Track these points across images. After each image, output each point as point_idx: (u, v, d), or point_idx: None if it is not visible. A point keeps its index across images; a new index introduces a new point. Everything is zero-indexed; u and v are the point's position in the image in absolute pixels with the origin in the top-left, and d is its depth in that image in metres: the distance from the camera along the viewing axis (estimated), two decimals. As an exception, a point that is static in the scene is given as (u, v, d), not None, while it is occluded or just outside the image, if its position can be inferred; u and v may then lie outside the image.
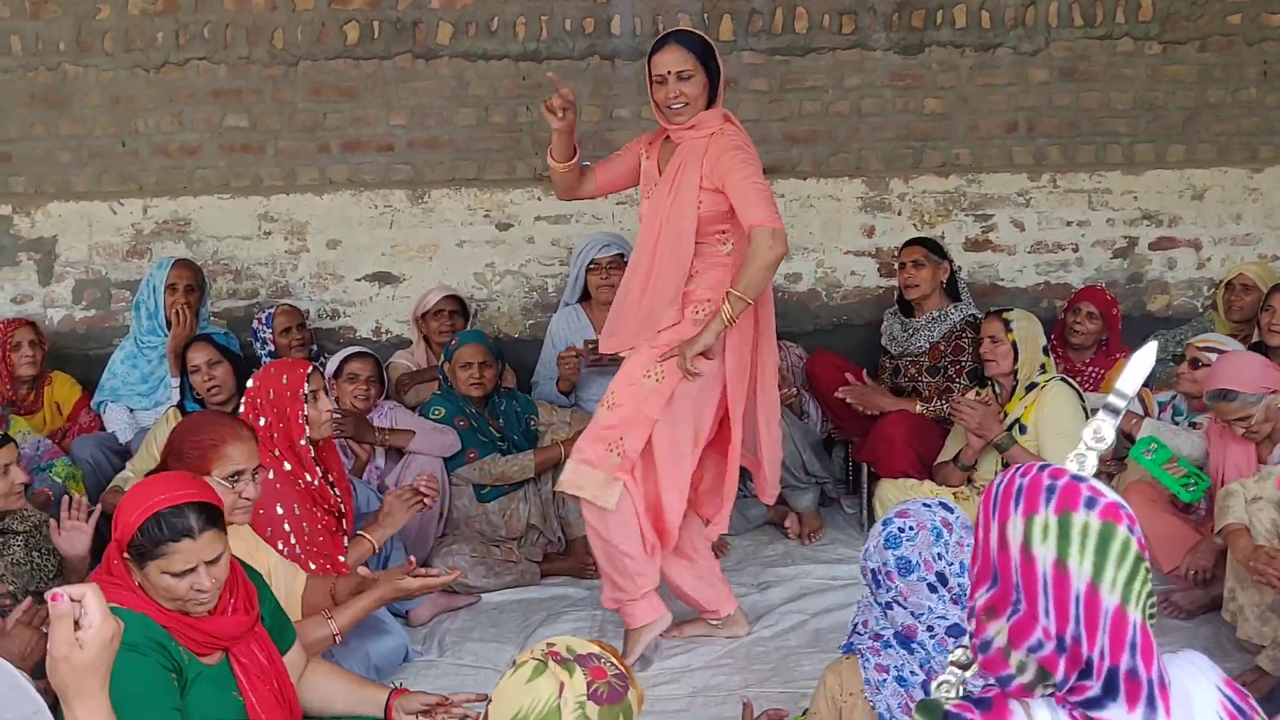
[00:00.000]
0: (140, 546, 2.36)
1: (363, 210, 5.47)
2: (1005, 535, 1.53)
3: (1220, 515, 3.59)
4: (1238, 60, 5.68)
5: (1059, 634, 1.48)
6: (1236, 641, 3.63)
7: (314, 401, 3.52)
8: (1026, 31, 5.65)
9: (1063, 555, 1.48)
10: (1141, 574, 1.49)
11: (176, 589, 2.37)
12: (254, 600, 2.56)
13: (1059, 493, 1.51)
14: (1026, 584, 1.50)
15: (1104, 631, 1.47)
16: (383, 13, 5.54)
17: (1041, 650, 1.49)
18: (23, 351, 4.82)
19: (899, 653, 2.37)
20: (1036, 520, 1.50)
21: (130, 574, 2.39)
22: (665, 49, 3.52)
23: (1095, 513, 1.49)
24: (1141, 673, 1.48)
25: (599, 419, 3.61)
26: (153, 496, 2.38)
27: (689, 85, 3.50)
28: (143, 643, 2.29)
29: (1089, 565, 1.47)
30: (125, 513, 2.38)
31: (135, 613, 2.33)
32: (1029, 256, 5.61)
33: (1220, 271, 5.56)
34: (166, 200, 5.47)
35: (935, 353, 4.82)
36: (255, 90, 5.58)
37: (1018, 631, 1.50)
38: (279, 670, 2.56)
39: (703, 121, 3.54)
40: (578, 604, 4.22)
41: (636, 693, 1.74)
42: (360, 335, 5.53)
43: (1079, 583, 1.47)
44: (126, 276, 5.46)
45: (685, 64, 3.49)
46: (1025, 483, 1.54)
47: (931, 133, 5.71)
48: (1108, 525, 1.48)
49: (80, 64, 5.52)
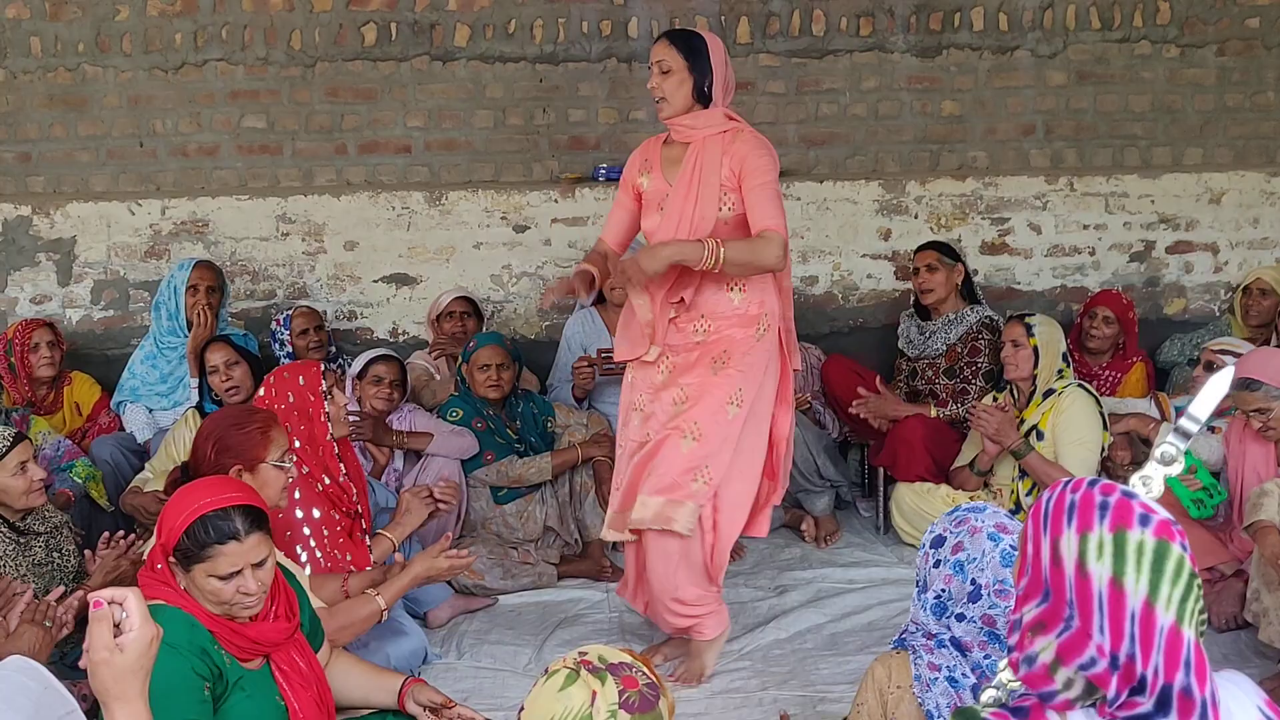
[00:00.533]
0: (186, 550, 2.37)
1: (380, 211, 5.48)
2: (1059, 551, 1.53)
3: (1251, 511, 3.57)
4: (1256, 64, 5.67)
5: (1113, 652, 1.47)
6: (1257, 646, 3.62)
7: (331, 399, 3.56)
8: (1044, 34, 5.65)
9: (1118, 573, 1.48)
10: (1195, 592, 1.49)
11: (222, 592, 2.38)
12: (295, 607, 2.57)
13: (1113, 510, 1.51)
14: (1081, 601, 1.50)
15: (1159, 650, 1.46)
16: (400, 14, 5.55)
17: (1094, 668, 1.48)
18: (41, 353, 4.83)
19: (952, 653, 2.38)
20: (1091, 538, 1.50)
21: (175, 578, 2.40)
22: (658, 42, 3.56)
23: (1150, 531, 1.49)
24: (1196, 691, 1.48)
25: (682, 452, 3.49)
26: (198, 500, 2.39)
27: (668, 80, 3.48)
28: (184, 644, 2.30)
29: (1145, 583, 1.47)
30: (170, 517, 2.39)
31: (182, 612, 2.35)
32: (1046, 260, 5.60)
33: (1237, 276, 5.55)
34: (185, 201, 5.48)
35: (952, 354, 4.82)
36: (273, 91, 5.60)
37: (1068, 648, 1.50)
38: (319, 676, 2.58)
39: (700, 121, 3.52)
40: (595, 606, 4.23)
41: (668, 701, 1.74)
42: (377, 336, 5.54)
43: (1135, 601, 1.47)
44: (145, 277, 5.48)
45: (665, 55, 3.49)
46: (1077, 499, 1.54)
47: (949, 135, 5.71)
48: (1162, 543, 1.49)
49: (99, 65, 5.54)
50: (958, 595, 2.39)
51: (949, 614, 2.41)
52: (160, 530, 2.40)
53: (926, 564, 2.45)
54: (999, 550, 2.36)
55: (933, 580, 2.43)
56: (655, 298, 3.56)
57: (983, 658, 2.36)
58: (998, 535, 2.39)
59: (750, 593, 4.30)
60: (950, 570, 2.39)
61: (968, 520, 2.43)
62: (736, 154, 3.47)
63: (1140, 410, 4.60)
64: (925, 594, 2.44)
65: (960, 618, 2.38)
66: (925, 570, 2.46)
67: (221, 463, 3.00)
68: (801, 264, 5.49)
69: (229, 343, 4.64)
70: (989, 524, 2.41)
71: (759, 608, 4.16)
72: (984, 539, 2.38)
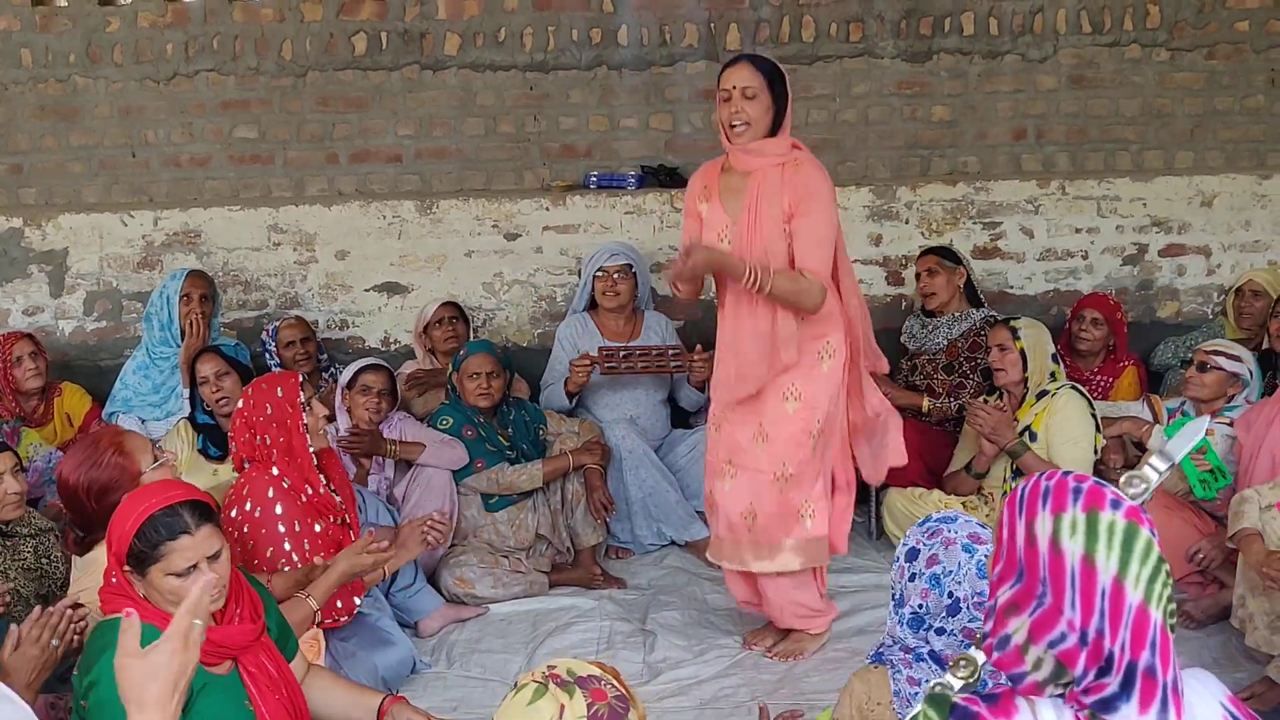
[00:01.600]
0: (139, 553, 2.38)
1: (371, 221, 5.49)
2: (1034, 531, 1.58)
3: (1234, 520, 3.58)
4: (1245, 67, 5.67)
5: (1083, 627, 1.52)
6: (1246, 651, 3.61)
7: (310, 410, 3.54)
8: (1034, 39, 5.66)
9: (1090, 550, 1.53)
10: (1162, 576, 1.54)
11: (182, 590, 2.37)
12: (259, 610, 2.57)
13: (1085, 493, 1.57)
14: (1054, 577, 1.55)
15: (1126, 626, 1.51)
16: (390, 24, 5.56)
17: (1064, 643, 1.53)
18: (25, 365, 4.80)
19: (931, 667, 2.37)
20: (1065, 517, 1.56)
21: (133, 587, 2.40)
22: (735, 66, 3.49)
23: (1120, 513, 1.55)
24: (1159, 672, 1.52)
25: (776, 496, 3.64)
26: (144, 502, 2.41)
27: (752, 105, 3.44)
28: None
29: (1115, 560, 1.52)
30: (119, 523, 2.39)
31: (142, 623, 2.34)
32: (1038, 264, 5.60)
33: (1230, 278, 5.55)
34: (177, 212, 5.49)
35: (952, 350, 4.84)
36: (264, 101, 5.62)
37: (1040, 625, 1.55)
38: (288, 680, 2.58)
39: (767, 149, 3.50)
40: (586, 614, 4.22)
41: (638, 713, 1.74)
42: (369, 345, 5.54)
43: (1105, 577, 1.52)
44: (137, 288, 5.48)
45: (751, 81, 3.44)
46: (1051, 485, 1.60)
47: (939, 140, 5.71)
48: (1132, 524, 1.54)
49: (90, 76, 5.55)
50: (935, 609, 2.36)
51: (926, 627, 2.39)
52: (111, 540, 2.40)
53: (902, 578, 2.42)
54: (975, 562, 2.34)
55: (909, 594, 2.40)
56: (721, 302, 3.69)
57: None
58: (972, 546, 2.36)
59: (741, 600, 4.29)
60: (926, 584, 2.37)
61: (940, 531, 2.41)
62: (794, 188, 3.47)
63: (1133, 413, 4.59)
64: (902, 608, 2.41)
65: (940, 631, 2.36)
66: (901, 584, 2.43)
67: (109, 502, 2.94)
68: (793, 270, 5.48)
69: (219, 353, 4.63)
70: (962, 534, 2.38)
71: (751, 613, 4.15)
72: (959, 551, 2.36)
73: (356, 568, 3.28)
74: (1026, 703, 1.58)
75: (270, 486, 3.45)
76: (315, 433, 3.54)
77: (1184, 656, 1.72)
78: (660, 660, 3.85)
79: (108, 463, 3.04)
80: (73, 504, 3.07)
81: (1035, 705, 1.58)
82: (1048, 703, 1.58)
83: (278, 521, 3.39)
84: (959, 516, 2.46)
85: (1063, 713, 1.56)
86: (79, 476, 3.04)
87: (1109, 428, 4.39)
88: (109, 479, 3.01)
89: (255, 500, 3.43)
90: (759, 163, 3.50)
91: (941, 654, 2.36)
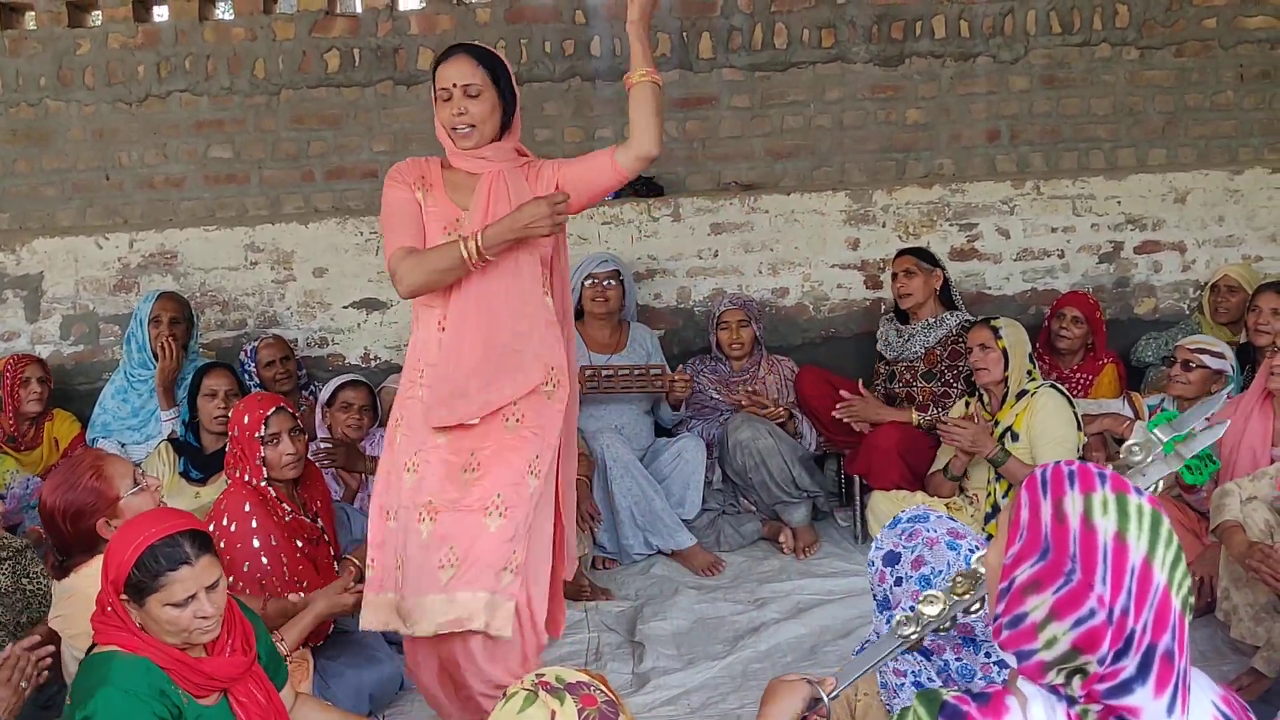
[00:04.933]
0: (138, 583, 2.36)
1: (348, 237, 5.47)
2: (1062, 508, 1.59)
3: (1215, 513, 3.59)
4: (1214, 64, 5.72)
5: (1111, 604, 1.53)
6: (1232, 643, 3.63)
7: (274, 444, 3.49)
8: (1005, 40, 5.69)
9: (1123, 529, 1.55)
10: (1182, 565, 1.56)
11: (180, 620, 2.37)
12: (251, 640, 2.55)
13: (1111, 478, 1.60)
14: (1085, 553, 1.56)
15: (1151, 607, 1.53)
16: (363, 40, 5.56)
17: (1091, 620, 1.53)
18: (31, 388, 4.84)
19: (916, 659, 2.37)
20: (1095, 496, 1.58)
21: (129, 616, 2.38)
22: (452, 59, 3.05)
23: (1144, 499, 1.59)
24: (1176, 658, 1.54)
25: (490, 535, 2.98)
26: (143, 532, 2.38)
27: (476, 104, 3.03)
28: (143, 690, 2.30)
29: (1145, 541, 1.55)
30: (117, 553, 2.37)
31: (137, 656, 2.33)
32: (1015, 264, 5.62)
33: (1205, 274, 5.58)
34: (152, 233, 5.46)
35: (931, 358, 4.84)
36: (238, 120, 5.60)
37: (1067, 602, 1.55)
38: (278, 709, 2.56)
39: (496, 155, 3.10)
40: (574, 626, 4.19)
41: (627, 718, 1.74)
42: (349, 362, 5.52)
43: (1136, 556, 1.54)
44: (114, 311, 5.45)
45: (473, 78, 3.02)
46: (1075, 469, 1.62)
47: (914, 144, 5.74)
48: (1156, 511, 1.58)
49: (62, 99, 5.53)
50: None
51: None
52: (108, 569, 2.38)
53: (884, 583, 2.40)
54: (961, 557, 2.34)
55: (897, 598, 2.37)
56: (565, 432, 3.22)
57: (954, 660, 2.33)
58: (955, 542, 2.36)
59: (729, 606, 4.29)
60: (916, 586, 2.35)
61: (919, 532, 2.39)
62: (540, 186, 3.12)
63: (1114, 410, 4.61)
64: (890, 611, 2.38)
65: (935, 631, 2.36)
66: (885, 588, 2.40)
67: (85, 526, 2.96)
68: (772, 276, 5.51)
69: (232, 372, 4.60)
70: (942, 532, 2.38)
71: (738, 621, 4.15)
72: (944, 549, 2.35)
73: (336, 608, 3.25)
74: (1017, 701, 1.58)
75: (247, 501, 3.44)
76: (275, 466, 3.50)
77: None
78: (649, 670, 3.83)
79: (84, 486, 3.01)
80: (50, 526, 3.05)
81: (1027, 705, 1.57)
82: (1039, 701, 1.57)
83: (253, 536, 3.38)
84: (930, 514, 2.45)
85: (1054, 710, 1.56)
86: (55, 499, 3.02)
87: (1090, 425, 4.41)
88: (83, 503, 2.98)
89: (232, 516, 3.42)
90: (487, 166, 3.10)
91: (930, 645, 2.36)
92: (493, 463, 3.03)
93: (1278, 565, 3.29)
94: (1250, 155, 5.78)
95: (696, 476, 4.84)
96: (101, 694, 2.29)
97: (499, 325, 3.06)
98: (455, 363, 3.04)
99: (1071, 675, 1.56)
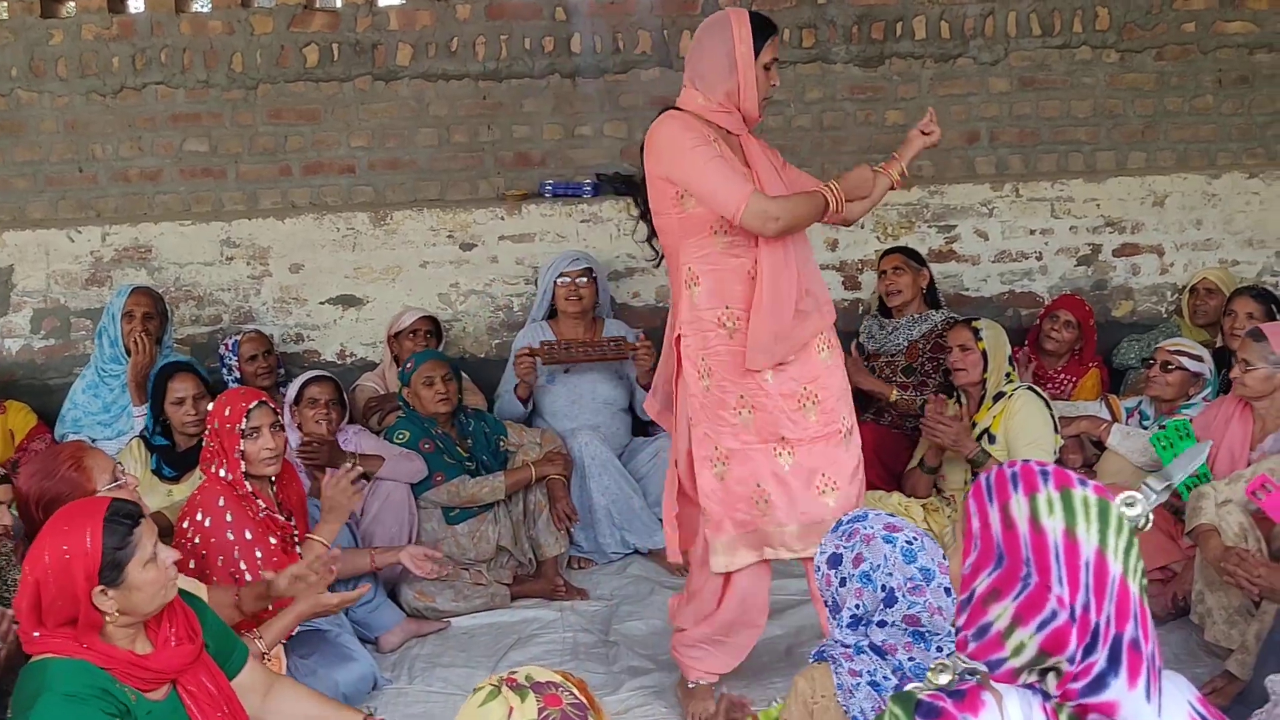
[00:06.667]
0: (114, 557, 2.34)
1: (325, 233, 5.43)
2: (1010, 514, 1.58)
3: (1192, 516, 3.60)
4: (1193, 68, 5.74)
5: (1071, 602, 1.52)
6: (1206, 646, 3.63)
7: (254, 438, 3.45)
8: (986, 41, 5.69)
9: (1070, 525, 1.54)
10: (1135, 547, 1.56)
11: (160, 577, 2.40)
12: (196, 628, 2.52)
13: (1054, 474, 1.59)
14: (1038, 556, 1.55)
15: (1111, 599, 1.53)
16: (342, 35, 5.51)
17: (1054, 621, 1.53)
18: None
19: (871, 659, 2.39)
20: (1040, 496, 1.57)
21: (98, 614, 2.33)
22: (777, 37, 3.34)
23: (1090, 490, 1.57)
24: (1142, 645, 1.53)
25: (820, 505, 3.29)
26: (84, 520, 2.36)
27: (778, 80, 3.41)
28: (83, 691, 2.26)
29: (1095, 533, 1.54)
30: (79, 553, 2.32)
31: (74, 660, 2.29)
32: (993, 266, 5.63)
33: (1183, 277, 5.60)
34: (126, 227, 5.41)
35: (913, 351, 4.85)
36: (215, 114, 5.55)
37: (1027, 607, 1.54)
38: (228, 696, 2.53)
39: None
40: (549, 626, 4.18)
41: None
42: (325, 359, 5.48)
43: (1088, 550, 1.53)
44: (86, 305, 5.39)
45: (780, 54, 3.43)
46: (1018, 470, 1.61)
47: (893, 145, 5.57)
48: (1103, 500, 1.57)
49: (34, 90, 5.47)
50: (872, 605, 2.39)
51: (866, 624, 2.41)
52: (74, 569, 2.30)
53: (831, 586, 2.45)
54: (899, 549, 2.38)
55: (844, 599, 2.42)
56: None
57: (906, 659, 2.36)
58: (892, 536, 2.40)
59: (705, 607, 4.26)
60: (859, 584, 2.39)
61: (857, 530, 2.44)
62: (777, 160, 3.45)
63: (1091, 413, 4.62)
64: (840, 613, 2.43)
65: (881, 624, 2.39)
66: (832, 591, 2.45)
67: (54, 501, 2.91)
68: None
69: (196, 374, 4.53)
70: (879, 527, 2.42)
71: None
72: (880, 543, 2.39)
73: (318, 608, 3.16)
74: (993, 697, 1.58)
75: (222, 496, 3.41)
76: (254, 461, 3.46)
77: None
78: (623, 670, 3.82)
79: (62, 475, 2.98)
80: (24, 513, 3.01)
81: (1002, 700, 1.57)
82: (1014, 697, 1.57)
83: (227, 530, 3.35)
84: (869, 513, 2.49)
85: (1030, 706, 1.55)
86: (31, 485, 2.99)
87: (1067, 427, 4.42)
88: (59, 492, 2.93)
89: (206, 510, 3.39)
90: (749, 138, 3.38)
91: (883, 644, 2.39)
92: (824, 391, 3.34)
93: (1252, 569, 3.30)
94: (1228, 160, 5.80)
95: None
96: (42, 701, 2.24)
97: (804, 271, 3.34)
98: (774, 307, 3.24)
99: (1045, 674, 1.56)
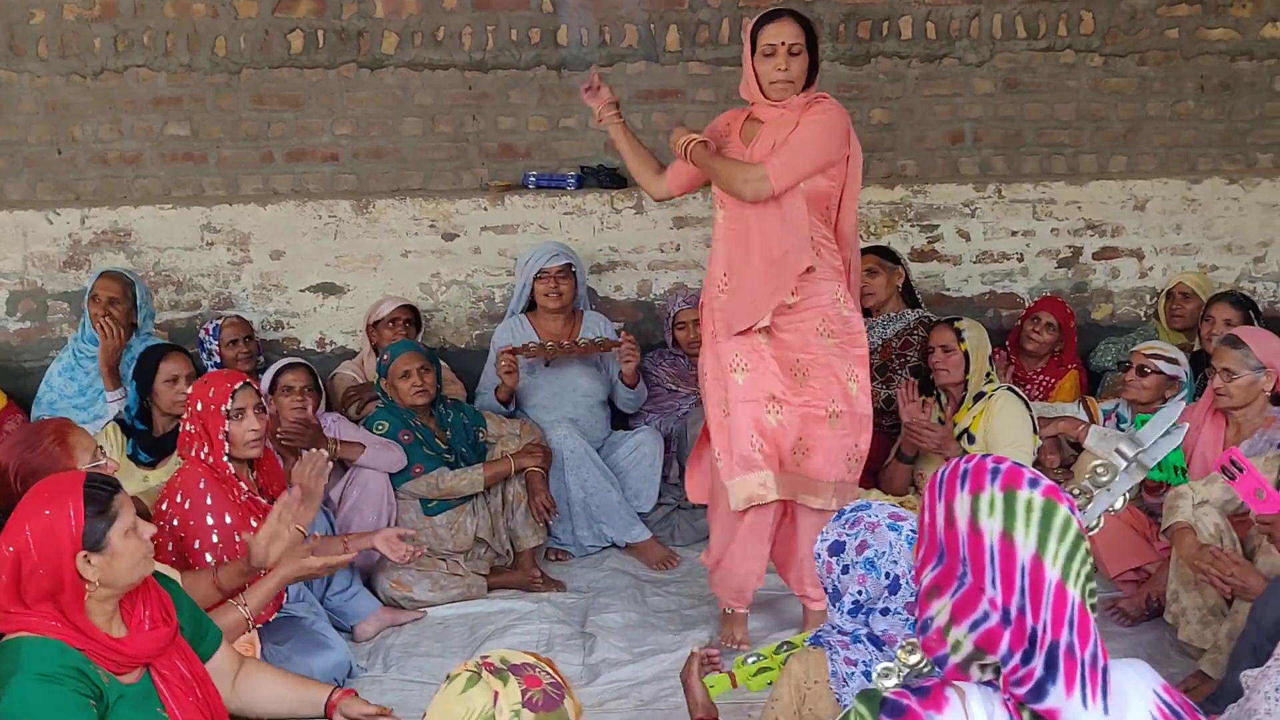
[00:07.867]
0: (95, 526, 2.32)
1: (307, 220, 5.39)
2: (953, 512, 1.58)
3: (1168, 515, 3.62)
4: (1175, 74, 5.78)
5: (1004, 605, 1.52)
6: (1179, 646, 3.66)
7: (239, 419, 3.43)
8: (972, 43, 5.71)
9: (1008, 528, 1.53)
10: (1081, 554, 1.54)
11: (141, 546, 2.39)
12: (170, 610, 2.50)
13: (1003, 474, 1.57)
14: (974, 557, 1.54)
15: (1047, 605, 1.51)
16: (327, 21, 5.49)
17: (986, 623, 1.53)
18: None
19: (868, 648, 2.40)
20: (983, 497, 1.56)
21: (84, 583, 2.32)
22: (780, 20, 3.43)
23: (1038, 491, 1.55)
24: (1077, 650, 1.52)
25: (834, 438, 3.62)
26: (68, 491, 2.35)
27: (796, 62, 3.43)
28: (58, 671, 2.23)
29: (1034, 538, 1.52)
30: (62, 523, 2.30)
31: (49, 639, 2.27)
32: (975, 266, 5.65)
33: (1162, 281, 5.63)
34: (105, 210, 5.36)
35: (887, 350, 4.85)
36: (197, 98, 5.51)
37: (962, 606, 1.54)
38: (201, 678, 2.51)
39: (791, 103, 3.49)
40: (525, 617, 4.17)
41: (574, 703, 1.72)
42: (304, 347, 5.45)
43: (1024, 554, 1.52)
44: (64, 288, 5.35)
45: (798, 39, 3.42)
46: (970, 467, 1.60)
47: (877, 144, 5.74)
48: (1050, 502, 1.54)
49: (13, 70, 5.42)
50: (875, 593, 2.40)
51: (868, 612, 2.42)
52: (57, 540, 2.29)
53: (832, 573, 2.46)
54: (903, 537, 2.40)
55: (846, 586, 2.43)
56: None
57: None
58: (897, 524, 2.42)
59: (682, 600, 4.27)
60: (862, 570, 2.40)
61: (861, 519, 2.45)
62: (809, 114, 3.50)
63: (1069, 414, 4.64)
64: (841, 600, 2.44)
65: (885, 612, 2.40)
66: (833, 578, 2.46)
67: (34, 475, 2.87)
68: (733, 271, 5.48)
69: (187, 355, 4.48)
70: (883, 516, 2.44)
71: (691, 615, 4.13)
72: (886, 531, 2.41)
73: (302, 571, 3.12)
74: (956, 694, 1.58)
75: (203, 479, 3.38)
76: (238, 443, 3.44)
77: (1118, 654, 1.72)
78: (600, 662, 3.81)
79: (45, 448, 2.93)
80: (2, 486, 2.95)
81: (965, 697, 1.57)
82: (977, 694, 1.57)
83: (207, 513, 3.32)
84: (872, 503, 2.51)
85: (992, 702, 1.56)
86: (11, 456, 2.94)
87: (1045, 428, 4.43)
88: (39, 464, 2.88)
89: (186, 493, 3.37)
90: (777, 113, 3.50)
91: (883, 635, 2.40)
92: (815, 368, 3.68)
93: (1226, 568, 3.32)
94: (1208, 165, 5.84)
95: (653, 470, 4.82)
96: (15, 681, 2.21)
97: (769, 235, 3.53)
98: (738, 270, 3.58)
99: (995, 672, 1.56)
